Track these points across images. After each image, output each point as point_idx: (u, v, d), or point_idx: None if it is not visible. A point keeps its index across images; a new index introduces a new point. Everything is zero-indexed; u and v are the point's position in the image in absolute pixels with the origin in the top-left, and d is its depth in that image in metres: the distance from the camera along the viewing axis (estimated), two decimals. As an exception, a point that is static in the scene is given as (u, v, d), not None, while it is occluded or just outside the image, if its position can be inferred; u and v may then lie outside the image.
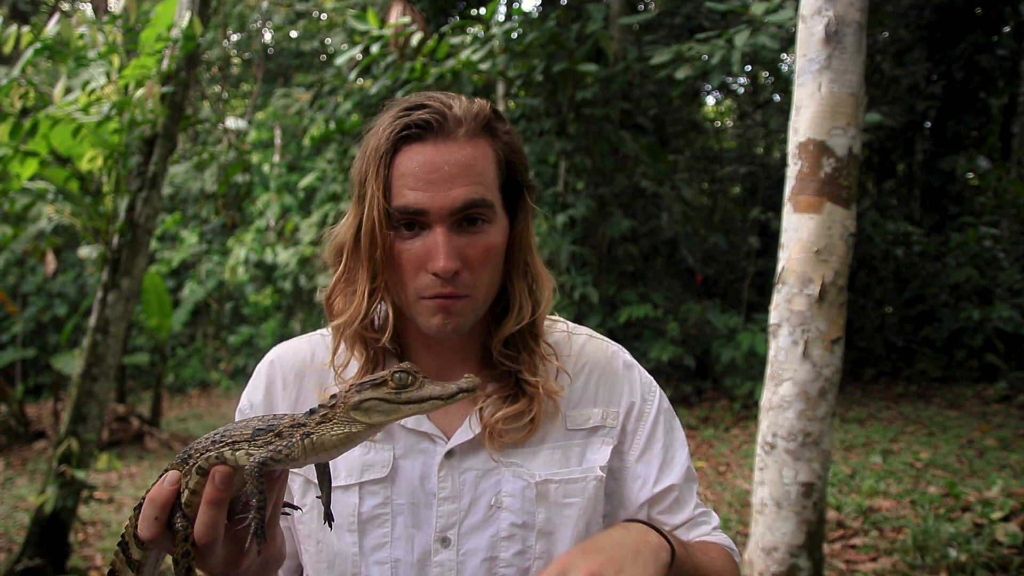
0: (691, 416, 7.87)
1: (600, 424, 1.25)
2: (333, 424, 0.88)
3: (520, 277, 1.22)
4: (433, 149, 1.11)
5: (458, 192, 1.10)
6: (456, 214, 1.11)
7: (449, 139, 1.12)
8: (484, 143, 1.15)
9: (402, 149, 1.12)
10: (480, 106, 1.16)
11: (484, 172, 1.14)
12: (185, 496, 0.91)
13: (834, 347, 2.82)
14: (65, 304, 12.21)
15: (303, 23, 12.35)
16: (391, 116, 1.14)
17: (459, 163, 1.11)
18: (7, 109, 4.28)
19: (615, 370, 1.29)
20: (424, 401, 0.86)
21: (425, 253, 1.12)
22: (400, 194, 1.11)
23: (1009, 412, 7.14)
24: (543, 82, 7.72)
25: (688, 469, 1.28)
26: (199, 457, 0.91)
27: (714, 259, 11.27)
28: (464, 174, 1.11)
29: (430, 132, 1.11)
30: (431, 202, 1.10)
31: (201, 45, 4.80)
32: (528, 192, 1.22)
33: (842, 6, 2.76)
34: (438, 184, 1.10)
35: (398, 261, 1.14)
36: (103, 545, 5.29)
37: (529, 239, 1.23)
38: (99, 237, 4.57)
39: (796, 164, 2.86)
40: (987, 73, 9.73)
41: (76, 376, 4.37)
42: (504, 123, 1.19)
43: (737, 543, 4.52)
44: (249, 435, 0.90)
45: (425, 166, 1.10)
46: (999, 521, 4.11)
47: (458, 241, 1.12)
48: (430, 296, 1.13)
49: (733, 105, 14.13)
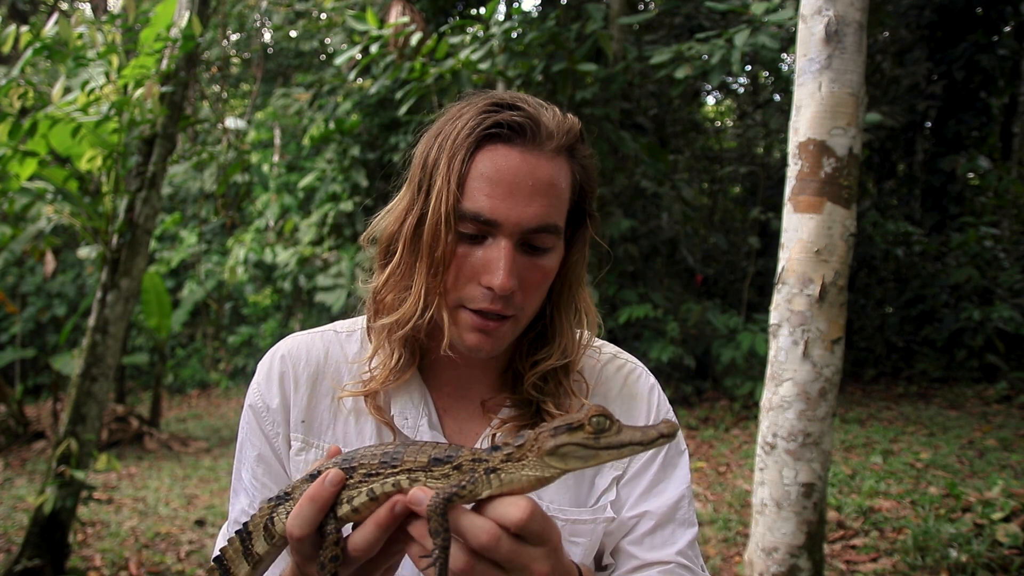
0: (691, 416, 7.86)
1: None
2: (523, 465, 0.84)
3: (566, 309, 1.15)
4: (520, 157, 1.02)
5: (536, 211, 1.02)
6: (527, 233, 1.03)
7: (537, 150, 1.03)
8: (567, 163, 1.07)
9: (485, 147, 1.03)
10: (572, 123, 1.08)
11: (563, 194, 1.06)
12: (345, 510, 0.88)
13: (834, 347, 2.81)
14: (64, 304, 12.21)
15: (303, 23, 12.35)
16: (477, 108, 1.05)
17: (543, 179, 1.03)
18: (6, 109, 4.27)
19: (635, 393, 1.23)
20: (624, 447, 0.82)
21: (484, 264, 1.03)
22: (474, 197, 1.02)
23: (1010, 412, 7.13)
24: (543, 82, 7.71)
25: (676, 508, 1.17)
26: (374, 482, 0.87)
27: (714, 259, 11.26)
28: (546, 192, 1.03)
29: (520, 137, 1.03)
30: (507, 214, 1.01)
31: (200, 45, 4.80)
32: (591, 222, 1.14)
33: (842, 6, 2.76)
34: (518, 196, 1.01)
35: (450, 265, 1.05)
36: (102, 545, 5.29)
37: (581, 271, 1.15)
38: (98, 237, 4.57)
39: (796, 164, 2.85)
40: (988, 73, 9.72)
41: (75, 376, 4.37)
42: (586, 146, 1.11)
43: (737, 543, 4.52)
44: (425, 464, 0.86)
45: (509, 173, 1.02)
46: (1000, 522, 4.10)
47: (520, 261, 1.04)
48: (475, 309, 1.05)
49: (733, 105, 14.13)
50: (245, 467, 1.19)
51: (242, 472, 1.20)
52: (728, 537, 4.66)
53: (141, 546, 5.31)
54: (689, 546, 1.16)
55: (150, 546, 5.34)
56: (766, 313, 3.28)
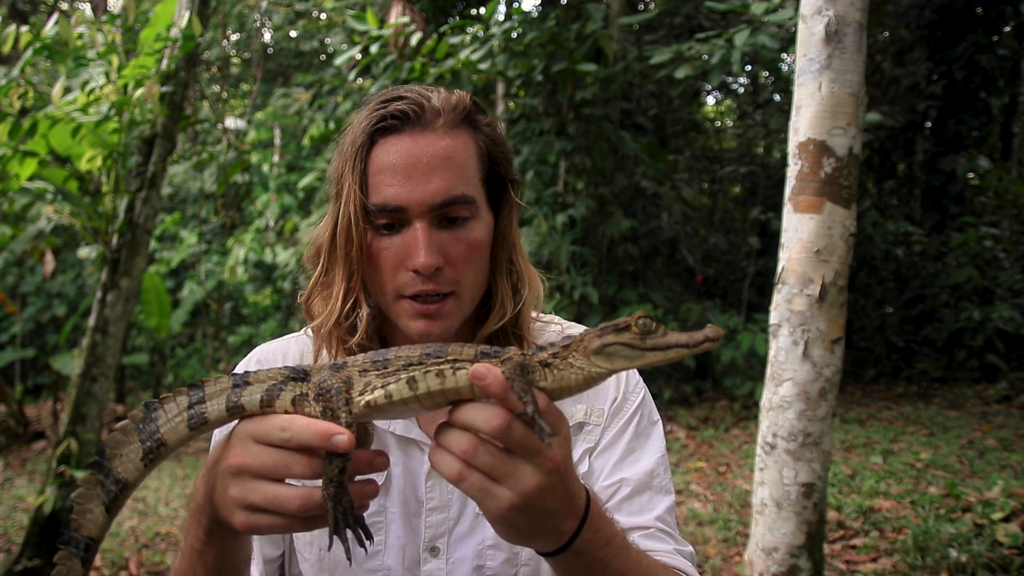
0: (691, 416, 7.86)
1: (584, 420, 1.21)
2: (570, 363, 0.84)
3: (503, 275, 1.18)
4: (411, 140, 1.06)
5: (437, 185, 1.06)
6: (436, 209, 1.07)
7: (427, 130, 1.07)
8: (465, 134, 1.11)
9: (379, 142, 1.08)
10: (460, 97, 1.11)
11: (465, 164, 1.09)
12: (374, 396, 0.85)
13: (834, 347, 2.81)
14: (64, 304, 12.21)
15: (302, 23, 12.35)
16: (368, 110, 1.10)
17: (438, 155, 1.06)
18: (6, 109, 4.27)
19: None
20: (669, 348, 0.82)
21: (404, 250, 1.07)
22: (378, 190, 1.06)
23: (1010, 412, 7.13)
24: (543, 82, 7.71)
25: (652, 475, 1.19)
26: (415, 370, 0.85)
27: (714, 259, 11.26)
28: (443, 166, 1.06)
29: (407, 123, 1.07)
30: (409, 196, 1.05)
31: (200, 45, 4.80)
32: (512, 186, 1.17)
33: (842, 6, 2.76)
34: (417, 177, 1.05)
35: (377, 259, 1.10)
36: (102, 545, 5.28)
37: (514, 235, 1.18)
38: (98, 237, 4.57)
39: (796, 164, 2.85)
40: (988, 73, 9.72)
41: (75, 376, 4.37)
42: (485, 115, 1.15)
43: (737, 543, 4.51)
44: (472, 356, 0.85)
45: (403, 158, 1.06)
46: (1000, 522, 4.10)
47: (439, 237, 1.08)
48: (411, 295, 1.09)
49: (733, 105, 14.12)
50: None
51: None
52: (728, 537, 4.66)
53: (141, 546, 5.31)
54: (667, 512, 1.19)
55: (150, 546, 5.34)
56: (766, 313, 3.28)
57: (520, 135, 8.08)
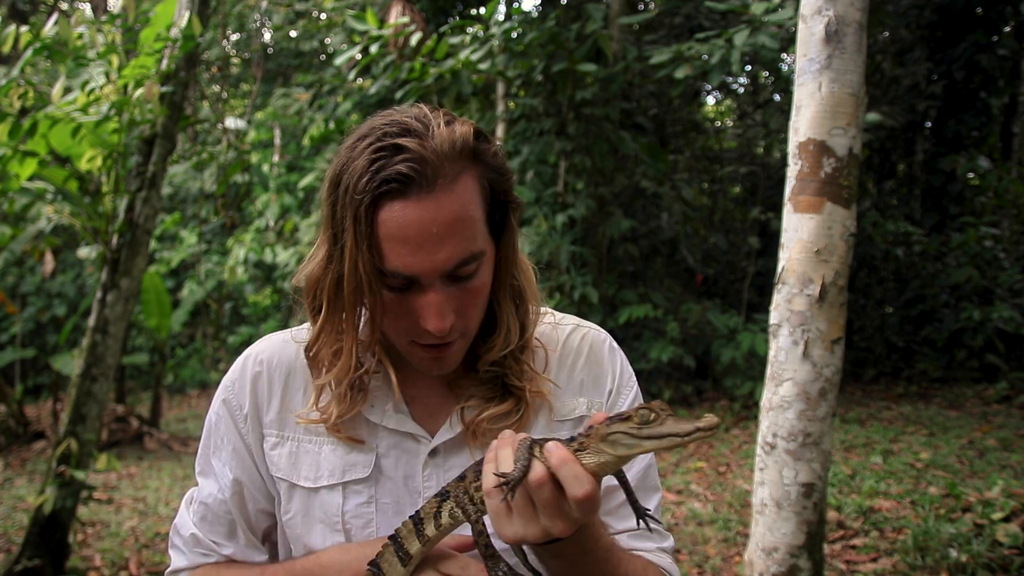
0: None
1: (586, 414, 1.23)
2: (587, 454, 0.94)
3: (507, 298, 1.18)
4: (418, 208, 1.01)
5: (448, 253, 1.04)
6: (448, 273, 1.06)
7: (435, 191, 1.02)
8: (469, 179, 1.06)
9: (383, 206, 1.02)
10: (461, 134, 1.05)
11: (473, 219, 1.06)
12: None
13: (834, 347, 2.81)
14: (64, 304, 12.21)
15: (302, 23, 12.35)
16: (366, 158, 1.03)
17: (447, 222, 1.03)
18: (6, 109, 4.27)
19: (600, 358, 1.27)
20: (663, 438, 0.91)
21: (417, 310, 1.07)
22: (388, 257, 1.04)
23: (1010, 412, 7.13)
24: (543, 82, 7.71)
25: (645, 477, 1.24)
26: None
27: (714, 259, 11.26)
28: (453, 233, 1.03)
29: (412, 186, 1.01)
30: (421, 267, 1.03)
31: (200, 45, 4.80)
32: (512, 210, 1.15)
33: (842, 6, 2.76)
34: (428, 247, 1.03)
35: (388, 308, 1.09)
36: (102, 545, 5.29)
37: (515, 257, 1.18)
38: (98, 237, 4.57)
39: (796, 164, 2.85)
40: (988, 73, 9.72)
41: (75, 376, 4.37)
42: (489, 143, 1.10)
43: (737, 543, 4.52)
44: None
45: (412, 229, 1.02)
46: (1000, 522, 4.10)
47: (451, 291, 1.07)
48: (424, 344, 1.11)
49: (733, 105, 14.12)
50: (217, 456, 1.24)
51: (212, 459, 1.25)
52: (728, 537, 4.66)
53: (141, 546, 5.31)
54: (655, 511, 1.23)
55: (150, 546, 5.34)
56: (766, 313, 3.28)
57: (520, 135, 8.08)
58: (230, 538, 1.23)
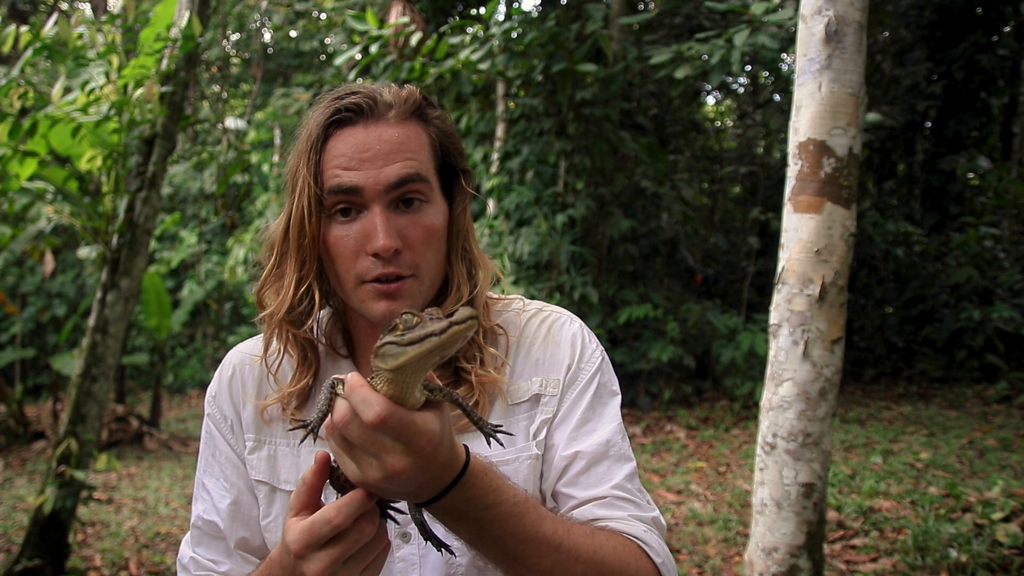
0: (691, 416, 7.86)
1: (539, 392, 1.20)
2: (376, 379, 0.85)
3: (459, 260, 1.21)
4: (364, 130, 1.11)
5: (392, 169, 1.09)
6: (392, 191, 1.10)
7: (380, 120, 1.12)
8: (416, 126, 1.15)
9: (333, 134, 1.12)
10: (410, 91, 1.16)
11: (418, 151, 1.13)
12: None
13: (834, 347, 2.81)
14: (64, 304, 12.21)
15: (302, 23, 12.36)
16: (322, 107, 1.14)
17: (391, 141, 1.11)
18: (6, 109, 4.27)
19: (558, 339, 1.23)
20: (423, 340, 0.80)
21: (363, 235, 1.10)
22: (332, 176, 1.10)
23: (1010, 412, 7.13)
24: (543, 82, 7.71)
25: (609, 445, 1.17)
26: None
27: (714, 259, 11.26)
28: (397, 151, 1.10)
29: (361, 115, 1.11)
30: (365, 179, 1.09)
31: (200, 45, 4.79)
32: (464, 176, 1.21)
33: (842, 6, 2.76)
34: (371, 161, 1.09)
35: (336, 249, 1.12)
36: (102, 545, 5.29)
37: (467, 224, 1.22)
38: (98, 237, 4.57)
39: (796, 164, 2.85)
40: (988, 73, 9.72)
41: (75, 376, 4.37)
42: (435, 109, 1.19)
43: (737, 543, 4.51)
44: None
45: (357, 146, 1.10)
46: (1000, 522, 4.10)
47: (397, 221, 1.11)
48: (372, 279, 1.11)
49: (733, 105, 14.13)
50: (209, 473, 1.25)
51: (203, 478, 1.26)
52: (728, 537, 4.66)
53: (141, 546, 5.31)
54: (627, 479, 1.16)
55: (150, 546, 5.34)
56: (766, 313, 3.28)
57: (520, 135, 8.08)
58: (228, 555, 1.23)
